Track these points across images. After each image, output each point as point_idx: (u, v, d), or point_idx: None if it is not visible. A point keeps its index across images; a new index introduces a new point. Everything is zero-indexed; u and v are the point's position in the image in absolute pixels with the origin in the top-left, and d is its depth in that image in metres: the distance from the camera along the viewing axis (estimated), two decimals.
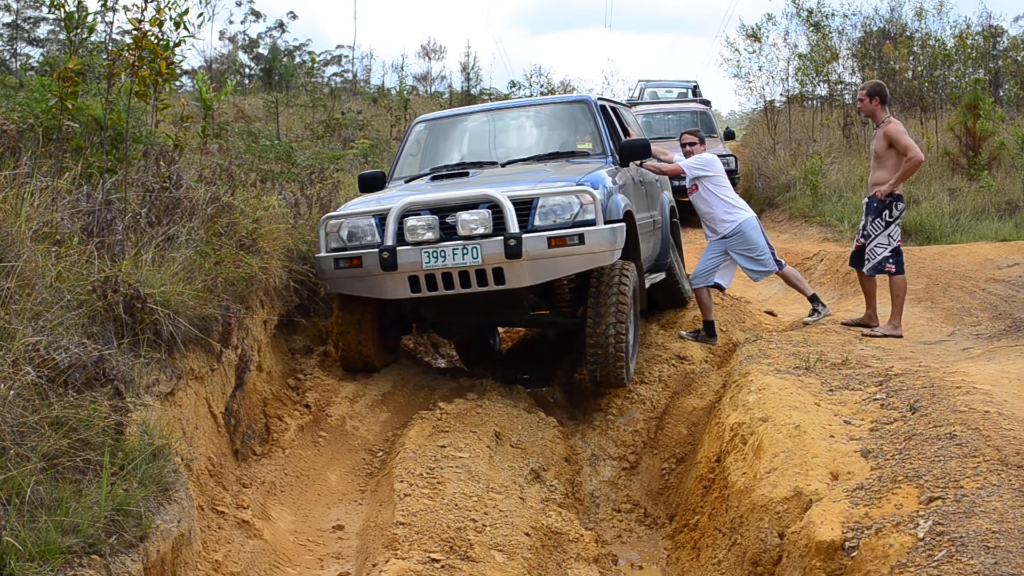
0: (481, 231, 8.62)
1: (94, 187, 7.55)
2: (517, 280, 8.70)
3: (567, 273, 8.95)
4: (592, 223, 8.68)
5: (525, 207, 8.70)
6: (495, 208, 8.64)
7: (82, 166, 8.05)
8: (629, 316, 9.24)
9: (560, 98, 12.34)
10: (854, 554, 5.52)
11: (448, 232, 8.74)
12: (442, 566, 6.13)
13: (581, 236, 8.60)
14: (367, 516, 7.45)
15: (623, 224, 9.11)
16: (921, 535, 5.27)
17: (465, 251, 8.58)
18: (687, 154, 11.40)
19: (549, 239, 8.57)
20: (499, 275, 8.65)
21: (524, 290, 9.09)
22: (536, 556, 6.76)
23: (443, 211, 8.79)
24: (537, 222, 8.67)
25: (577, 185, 8.82)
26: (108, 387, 5.55)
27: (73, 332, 5.77)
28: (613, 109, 11.74)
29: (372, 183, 10.60)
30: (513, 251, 8.51)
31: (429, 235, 8.71)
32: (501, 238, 8.53)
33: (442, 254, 8.62)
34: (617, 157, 10.36)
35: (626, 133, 11.65)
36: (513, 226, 8.53)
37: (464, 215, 8.64)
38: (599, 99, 11.36)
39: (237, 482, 7.40)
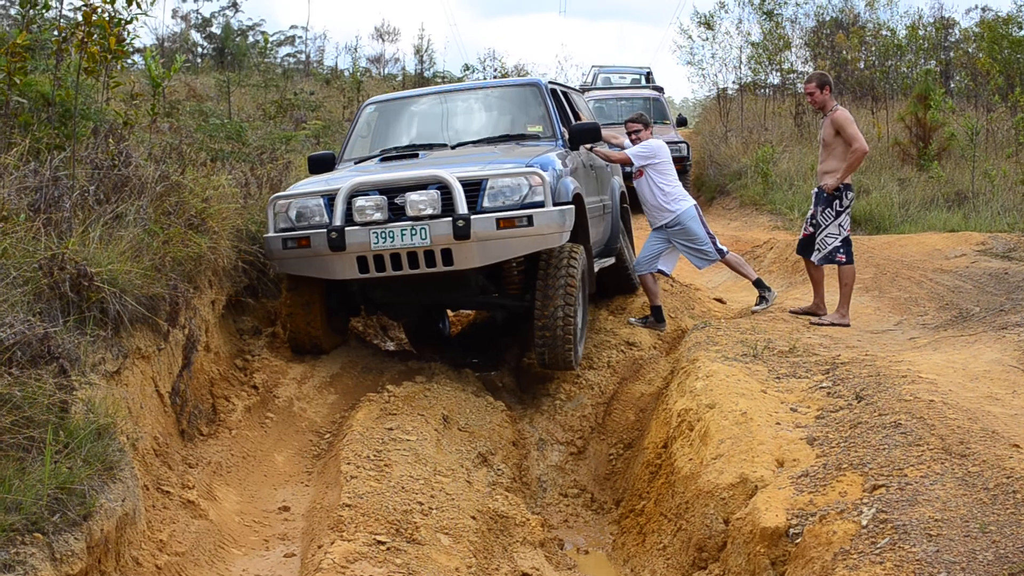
0: (429, 212, 8.58)
1: (42, 163, 7.47)
2: (465, 261, 8.68)
3: (516, 255, 8.93)
4: (541, 204, 8.68)
5: (474, 188, 8.68)
6: (444, 189, 8.62)
7: (30, 142, 7.97)
8: (577, 299, 9.24)
9: (510, 81, 12.26)
10: (798, 540, 5.56)
11: (397, 213, 8.71)
12: (388, 548, 6.14)
13: (530, 217, 8.59)
14: (313, 498, 7.43)
15: (572, 206, 9.11)
16: (865, 523, 5.32)
17: (414, 232, 8.55)
18: (633, 141, 11.41)
19: (498, 220, 8.57)
20: (447, 256, 8.63)
21: (472, 272, 9.08)
22: (482, 539, 6.77)
23: (392, 191, 8.75)
24: (486, 203, 8.66)
25: (526, 167, 8.81)
26: (53, 365, 5.50)
27: (18, 309, 5.72)
28: (564, 93, 11.77)
29: (322, 164, 10.61)
30: (461, 232, 8.48)
31: (377, 215, 8.68)
32: (450, 219, 8.50)
33: (390, 235, 8.58)
34: (567, 141, 10.37)
35: (576, 117, 11.64)
36: (462, 207, 8.51)
37: (413, 196, 8.61)
38: (550, 83, 11.35)
39: (183, 462, 7.36)
